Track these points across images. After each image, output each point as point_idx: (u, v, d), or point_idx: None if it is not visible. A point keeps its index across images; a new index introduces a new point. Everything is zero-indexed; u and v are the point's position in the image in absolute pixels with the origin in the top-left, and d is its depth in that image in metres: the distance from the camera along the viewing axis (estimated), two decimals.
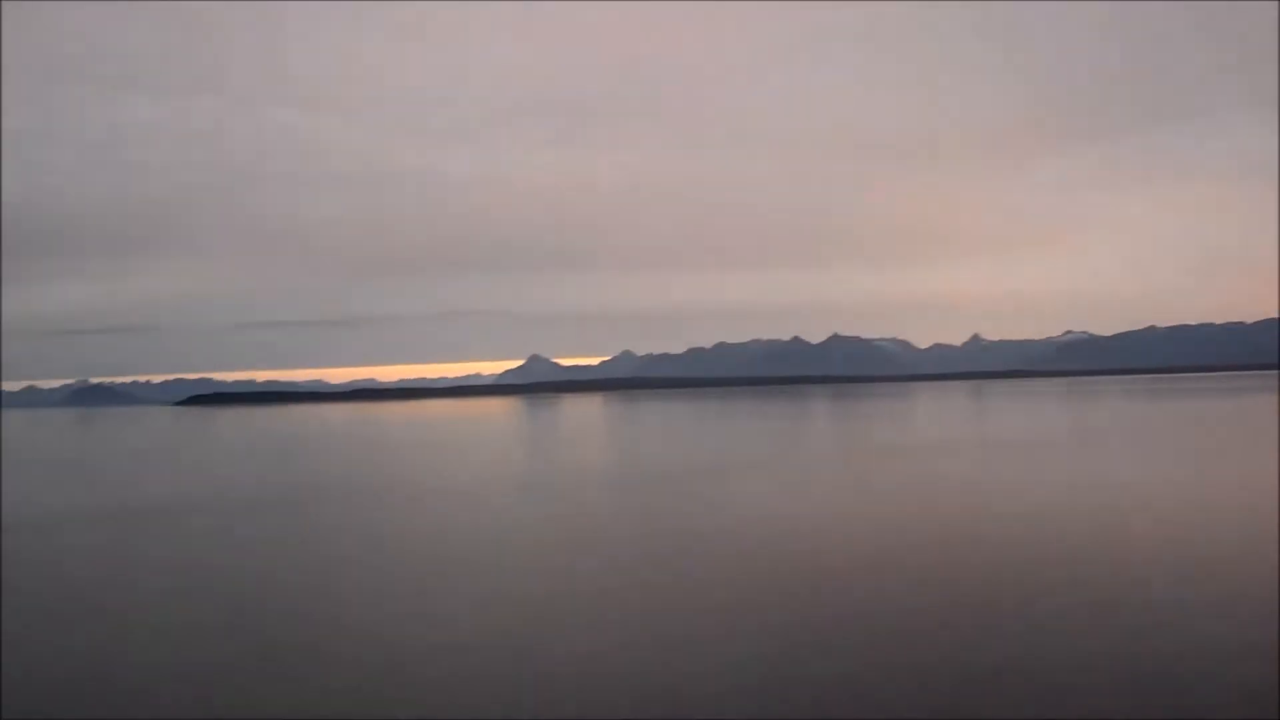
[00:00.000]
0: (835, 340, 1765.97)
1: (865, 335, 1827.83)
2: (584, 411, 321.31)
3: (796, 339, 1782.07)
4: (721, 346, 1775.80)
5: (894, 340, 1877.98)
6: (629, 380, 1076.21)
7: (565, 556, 48.91)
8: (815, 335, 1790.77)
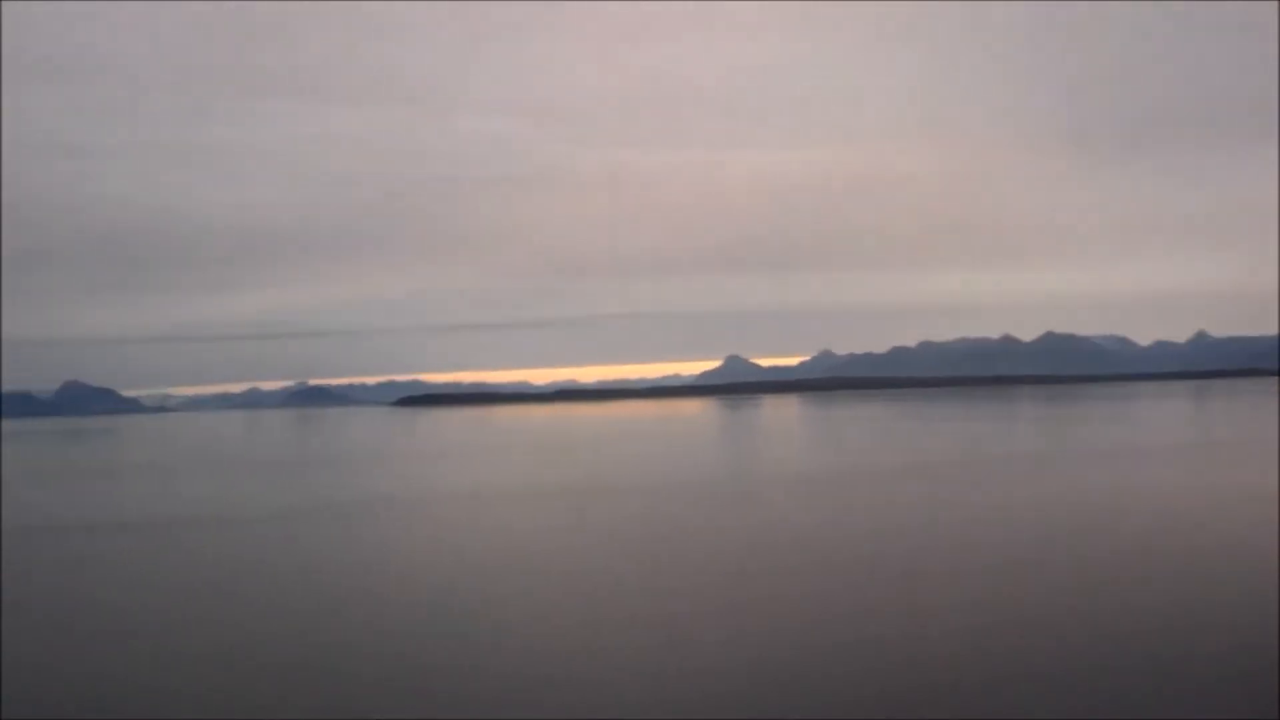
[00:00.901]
0: (1048, 338, 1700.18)
1: (1081, 332, 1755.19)
2: (782, 413, 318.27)
3: (1007, 337, 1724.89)
4: (926, 345, 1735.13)
5: (1112, 337, 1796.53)
6: (828, 381, 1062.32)
7: (791, 558, 46.79)
8: (1027, 333, 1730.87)
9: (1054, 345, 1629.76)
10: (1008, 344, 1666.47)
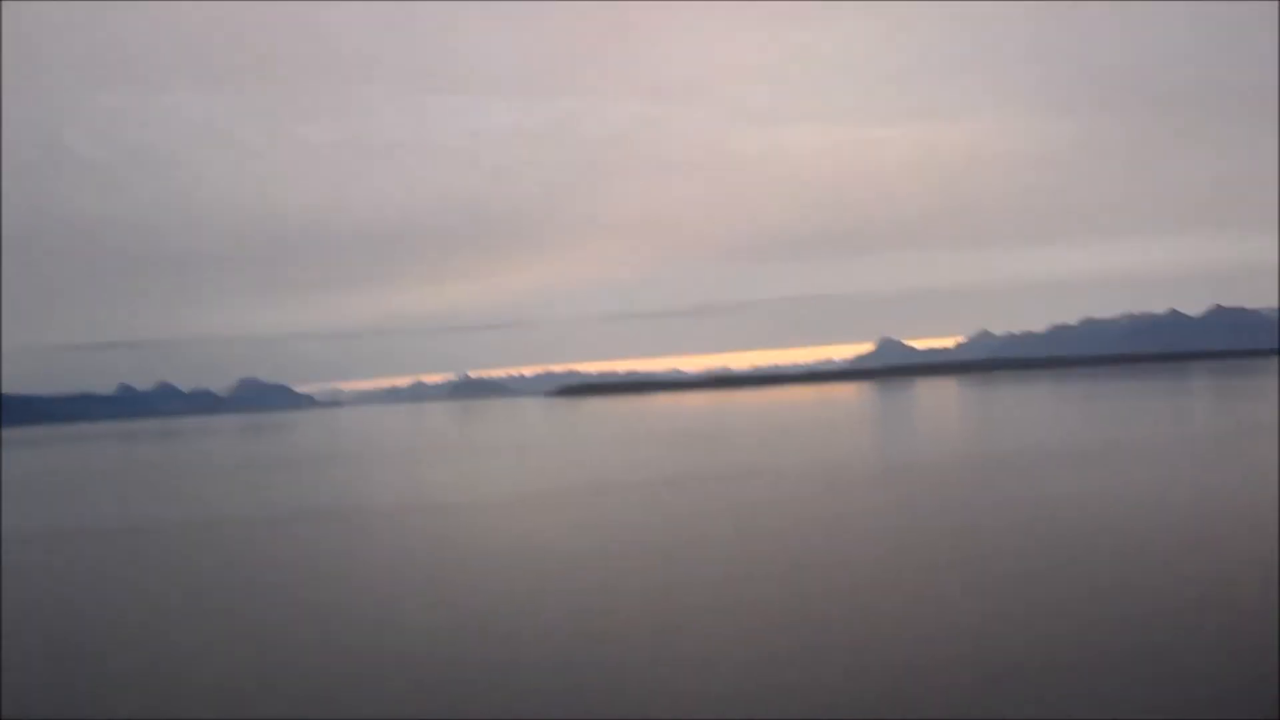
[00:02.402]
0: (1218, 312, 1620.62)
1: (1252, 305, 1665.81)
2: (939, 395, 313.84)
3: (1173, 312, 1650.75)
4: (1089, 323, 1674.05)
5: None
6: (987, 362, 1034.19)
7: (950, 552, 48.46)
8: (1194, 307, 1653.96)
9: (1224, 319, 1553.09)
10: (1174, 319, 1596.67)
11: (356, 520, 72.72)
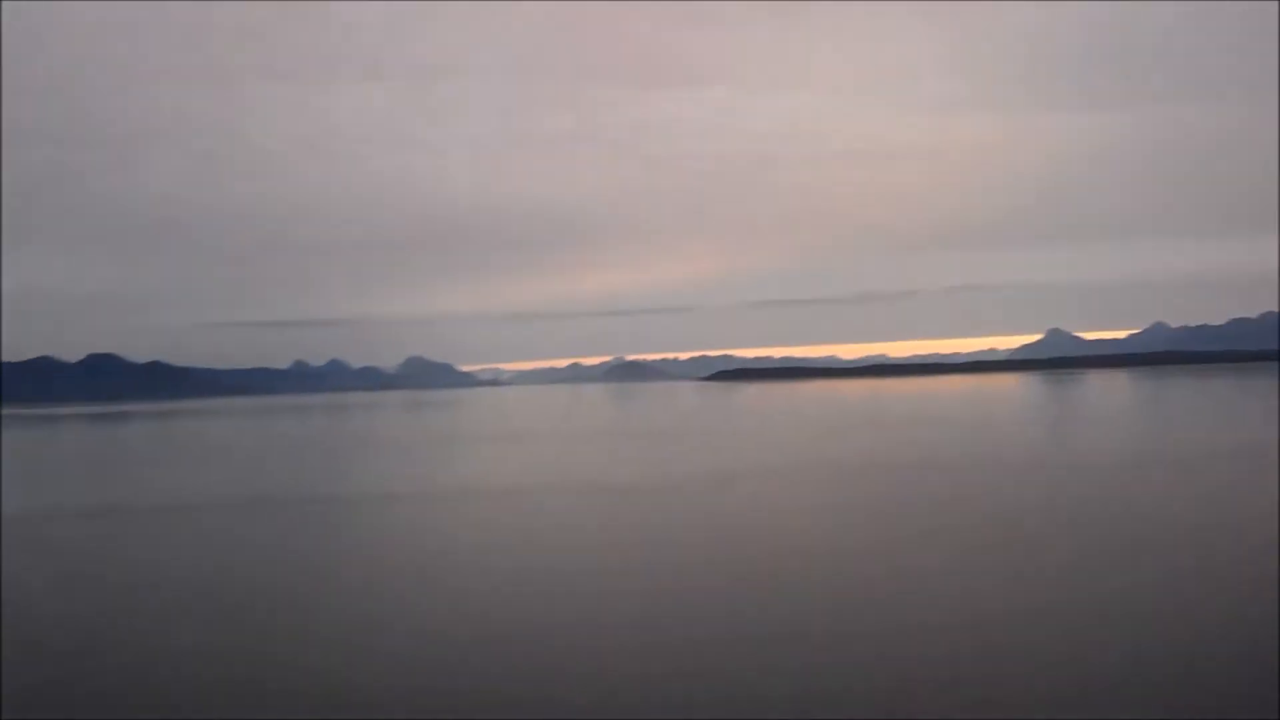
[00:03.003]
0: None
1: None
2: (1108, 388, 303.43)
3: None
4: (1270, 316, 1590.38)
5: None
6: (1161, 355, 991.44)
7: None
8: None
9: None
10: None
11: (527, 498, 75.35)
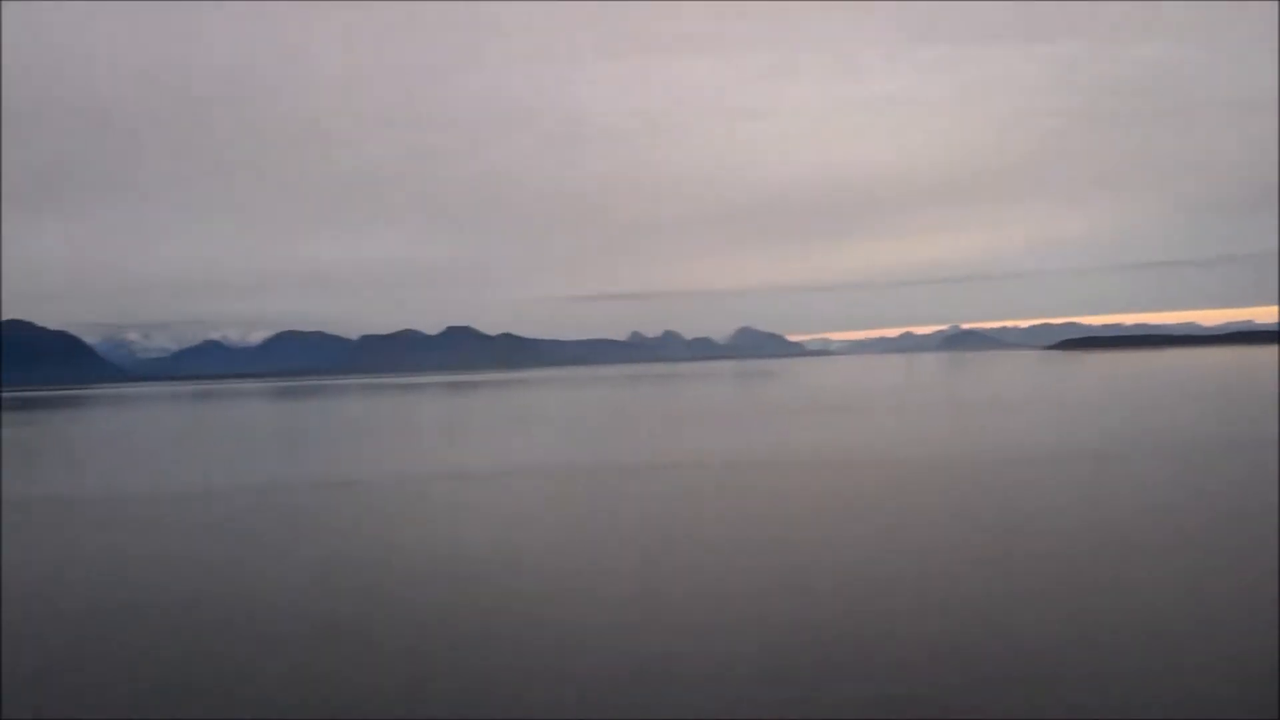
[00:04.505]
0: None
1: None
2: None
3: None
4: None
5: None
6: None
7: None
8: None
9: None
10: None
11: (851, 470, 72.26)
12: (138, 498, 69.14)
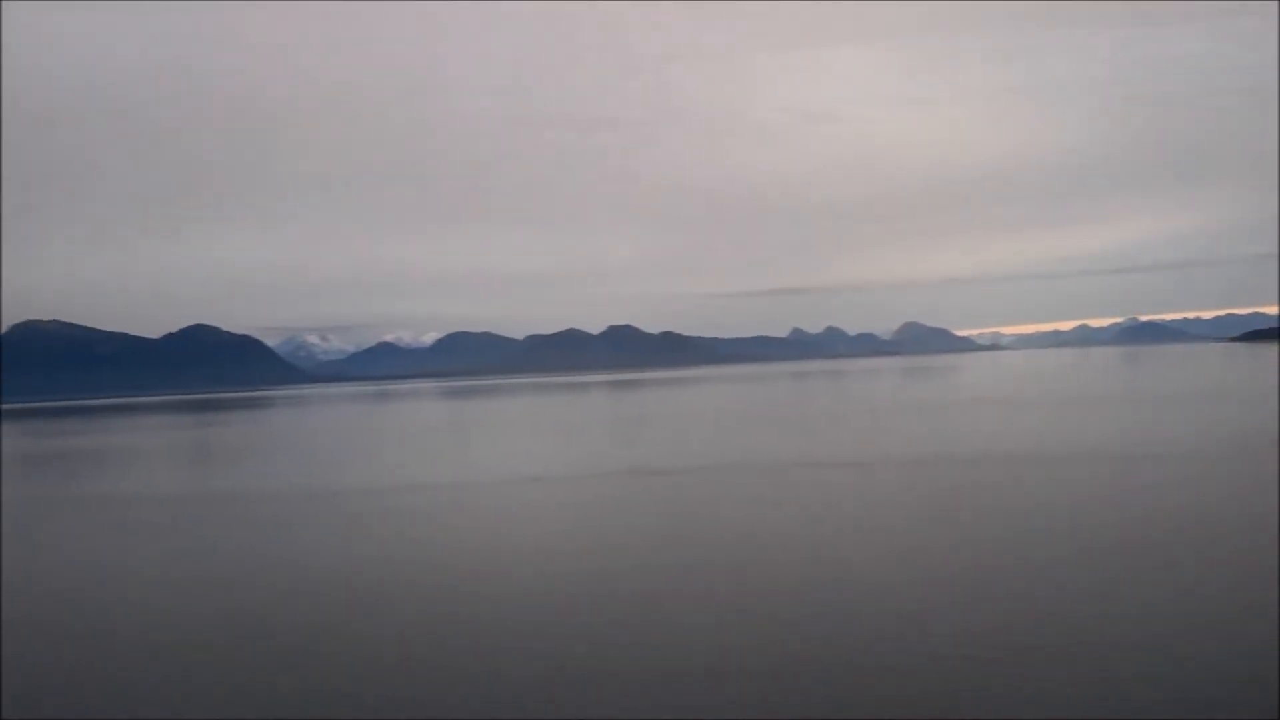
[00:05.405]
0: None
1: None
2: None
3: None
4: None
5: None
6: None
7: None
8: None
9: None
10: None
11: (1022, 466, 74.42)
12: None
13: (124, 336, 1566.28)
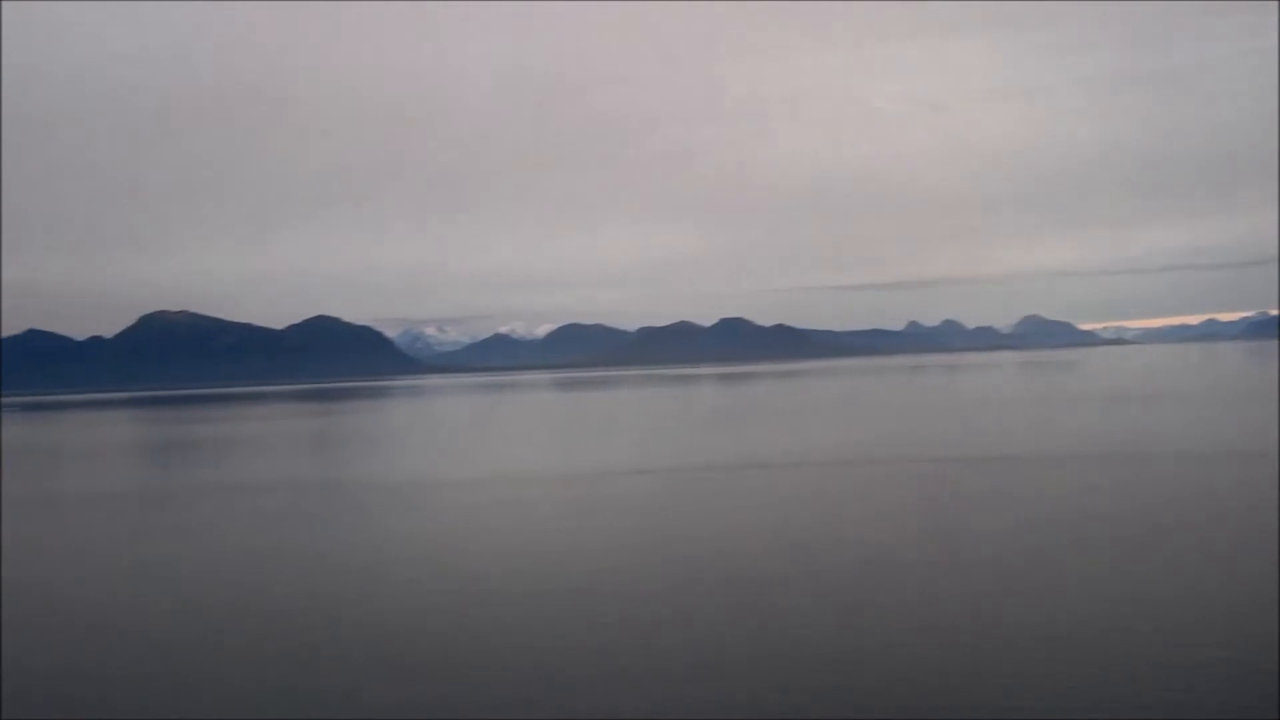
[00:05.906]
0: None
1: None
2: None
3: None
4: None
5: None
6: None
7: None
8: None
9: None
10: None
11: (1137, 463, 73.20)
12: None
13: (248, 327, 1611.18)
